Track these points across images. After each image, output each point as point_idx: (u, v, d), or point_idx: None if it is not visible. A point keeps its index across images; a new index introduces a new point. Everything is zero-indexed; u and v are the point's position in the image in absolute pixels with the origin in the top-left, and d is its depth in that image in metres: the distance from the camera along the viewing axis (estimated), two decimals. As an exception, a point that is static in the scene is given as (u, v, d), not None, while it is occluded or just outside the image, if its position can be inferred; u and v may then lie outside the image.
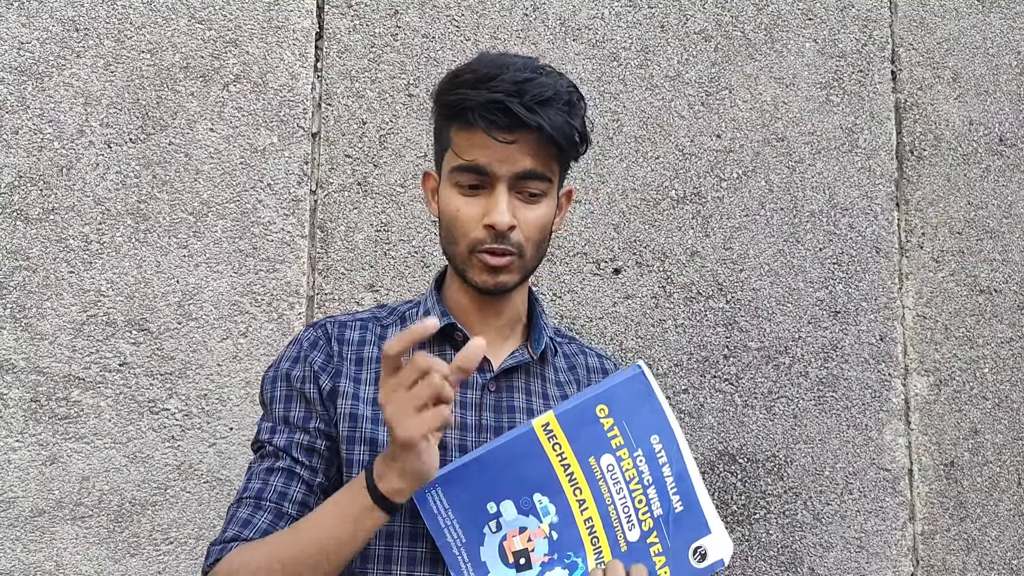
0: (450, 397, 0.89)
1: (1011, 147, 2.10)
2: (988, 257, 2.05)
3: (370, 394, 1.08)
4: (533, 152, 1.05)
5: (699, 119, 1.96)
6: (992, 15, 2.14)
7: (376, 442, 1.05)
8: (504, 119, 1.02)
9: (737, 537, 1.85)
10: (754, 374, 1.90)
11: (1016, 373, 2.03)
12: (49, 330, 1.64)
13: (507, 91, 1.02)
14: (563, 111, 1.06)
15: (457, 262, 1.10)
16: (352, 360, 1.11)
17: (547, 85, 1.05)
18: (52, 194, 1.67)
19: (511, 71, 1.04)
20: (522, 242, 1.07)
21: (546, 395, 1.13)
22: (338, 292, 1.77)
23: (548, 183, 1.08)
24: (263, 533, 1.01)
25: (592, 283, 1.87)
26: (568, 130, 1.06)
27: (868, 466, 1.92)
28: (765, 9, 2.02)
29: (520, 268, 1.09)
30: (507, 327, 1.16)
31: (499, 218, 1.04)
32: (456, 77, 1.07)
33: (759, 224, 1.95)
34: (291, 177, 1.78)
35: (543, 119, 1.02)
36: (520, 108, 1.01)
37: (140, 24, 1.75)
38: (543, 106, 1.03)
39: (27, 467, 1.60)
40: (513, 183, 1.06)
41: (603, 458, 1.01)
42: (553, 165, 1.09)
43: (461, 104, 1.04)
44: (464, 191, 1.07)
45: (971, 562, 1.94)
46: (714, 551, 1.01)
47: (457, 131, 1.07)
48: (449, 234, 1.09)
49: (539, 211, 1.08)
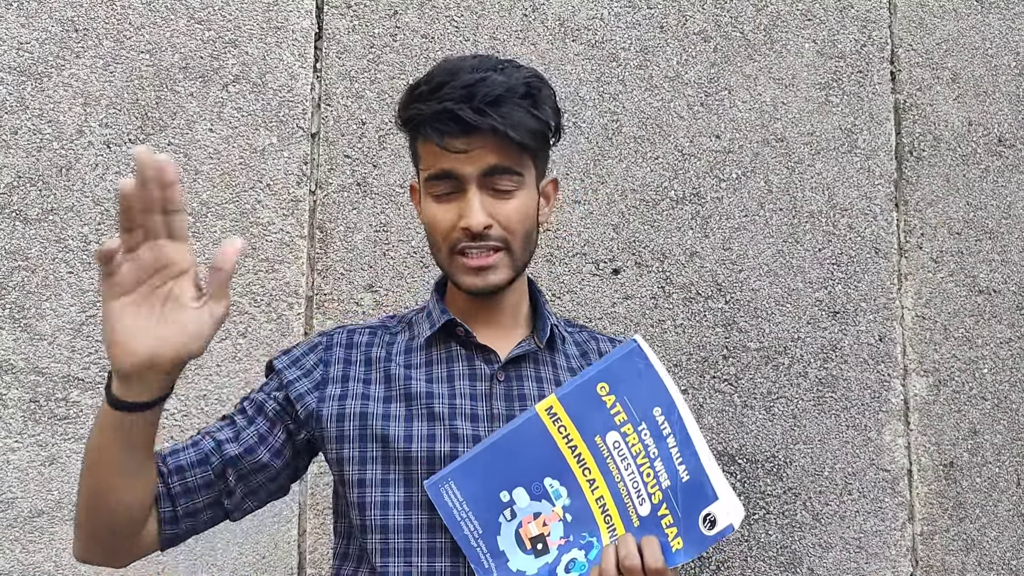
0: (110, 250, 0.82)
1: (1010, 148, 2.10)
2: (987, 257, 2.05)
3: (380, 392, 1.10)
4: (496, 149, 1.04)
5: (698, 120, 1.96)
6: (991, 16, 2.14)
7: (387, 438, 1.06)
8: (455, 126, 1.02)
9: (737, 537, 1.85)
10: (753, 374, 1.90)
11: (1015, 374, 2.03)
12: (48, 330, 1.64)
13: (455, 98, 1.02)
14: (521, 104, 1.04)
15: (444, 268, 1.12)
16: (361, 361, 1.13)
17: (498, 83, 1.03)
18: (51, 194, 1.67)
19: (462, 75, 1.03)
20: (505, 236, 1.08)
21: (558, 381, 1.14)
22: (337, 292, 1.77)
23: (519, 176, 1.08)
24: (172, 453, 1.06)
25: (591, 283, 1.87)
26: (530, 123, 1.05)
27: (867, 466, 1.92)
28: (764, 10, 2.02)
29: (509, 264, 1.10)
30: (510, 321, 1.17)
31: (472, 219, 1.05)
32: (412, 91, 1.07)
33: (758, 225, 1.95)
34: (290, 177, 1.78)
35: (495, 119, 1.02)
36: (469, 113, 1.01)
37: (139, 24, 1.75)
38: (494, 105, 1.02)
39: (26, 467, 1.60)
40: (483, 181, 1.06)
41: (608, 436, 1.02)
42: (523, 158, 1.08)
43: (415, 119, 1.06)
44: (439, 199, 1.08)
45: (970, 562, 1.94)
46: (723, 517, 1.00)
47: (421, 144, 1.09)
48: (431, 241, 1.11)
49: (515, 203, 1.08)
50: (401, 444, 1.06)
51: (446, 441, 1.06)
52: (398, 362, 1.13)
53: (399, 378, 1.11)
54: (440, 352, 1.14)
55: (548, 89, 1.10)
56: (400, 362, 1.13)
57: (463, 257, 1.07)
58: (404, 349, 1.15)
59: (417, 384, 1.10)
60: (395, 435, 1.06)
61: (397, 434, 1.06)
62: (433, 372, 1.12)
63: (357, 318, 1.76)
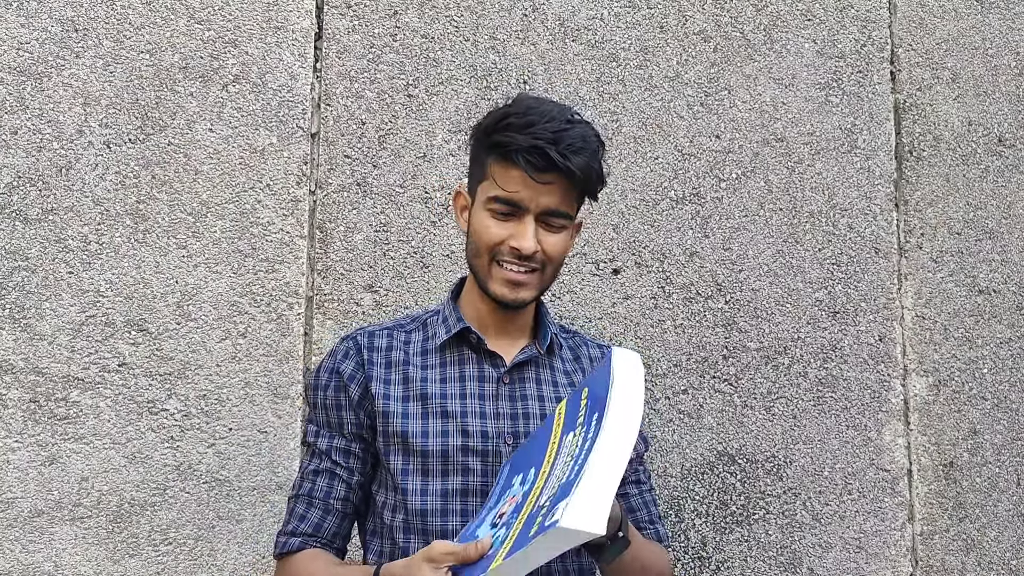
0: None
1: (1010, 147, 2.11)
2: (987, 257, 2.05)
3: (399, 392, 1.26)
4: (561, 192, 1.22)
5: (698, 120, 1.96)
6: (991, 16, 2.14)
7: (406, 434, 1.23)
8: (542, 162, 1.18)
9: (737, 537, 1.85)
10: (753, 375, 1.90)
11: (1015, 374, 2.03)
12: (48, 330, 1.64)
13: (547, 139, 1.18)
14: (589, 157, 1.22)
15: (481, 274, 1.26)
16: (382, 364, 1.28)
17: (579, 135, 1.21)
18: (51, 194, 1.67)
19: (549, 121, 1.20)
20: (544, 261, 1.24)
21: (555, 383, 1.31)
22: (337, 292, 1.77)
23: (569, 219, 1.26)
24: (315, 526, 1.26)
25: (591, 283, 1.87)
26: (592, 174, 1.23)
27: (867, 466, 1.92)
28: (764, 10, 2.02)
29: (538, 285, 1.26)
30: (517, 329, 1.33)
31: (526, 243, 1.21)
32: (503, 119, 1.22)
33: (758, 225, 1.95)
34: (290, 177, 1.78)
35: (573, 165, 1.19)
36: (556, 155, 1.18)
37: (139, 24, 1.75)
38: (575, 153, 1.19)
39: (26, 467, 1.60)
40: (539, 216, 1.22)
41: (568, 435, 1.05)
42: (574, 204, 1.27)
43: (507, 145, 1.20)
44: (496, 216, 1.23)
45: (970, 562, 1.95)
46: (565, 516, 0.87)
47: (497, 165, 1.23)
48: (476, 247, 1.25)
49: (559, 238, 1.25)
50: (419, 440, 1.22)
51: (458, 436, 1.22)
52: (415, 363, 1.28)
53: (416, 379, 1.26)
54: (453, 355, 1.29)
55: (604, 147, 1.28)
56: (417, 363, 1.28)
57: (503, 268, 1.23)
58: (420, 351, 1.30)
59: (432, 385, 1.26)
60: (412, 431, 1.23)
61: (415, 430, 1.23)
62: (446, 373, 1.27)
63: (357, 318, 1.76)
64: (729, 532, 1.85)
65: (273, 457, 1.69)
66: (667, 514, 1.82)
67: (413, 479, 1.22)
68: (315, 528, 1.26)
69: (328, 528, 1.26)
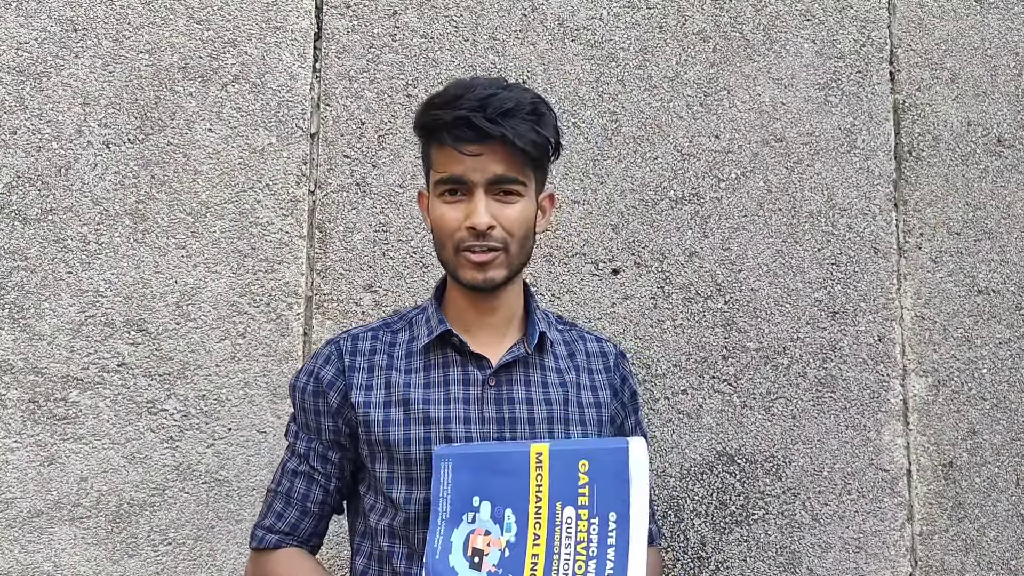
0: None
1: (1009, 148, 2.11)
2: (986, 258, 2.05)
3: (380, 398, 1.22)
4: (503, 159, 1.17)
5: (697, 120, 1.96)
6: (990, 16, 2.14)
7: (388, 442, 1.20)
8: (470, 132, 1.15)
9: (736, 538, 1.85)
10: (752, 375, 1.90)
11: (1015, 374, 2.03)
12: (47, 330, 1.64)
13: (471, 107, 1.14)
14: (528, 120, 1.17)
15: (448, 264, 1.23)
16: (364, 369, 1.25)
17: (509, 98, 1.16)
18: (50, 194, 1.67)
19: (476, 90, 1.16)
20: (505, 238, 1.20)
21: (546, 384, 1.26)
22: (336, 292, 1.77)
23: (522, 185, 1.20)
24: (292, 526, 1.26)
25: (591, 283, 1.87)
26: (534, 136, 1.17)
27: (866, 467, 1.92)
28: (763, 10, 2.02)
29: (506, 264, 1.21)
30: (504, 324, 1.28)
31: (478, 219, 1.16)
32: (429, 101, 1.20)
33: (757, 225, 1.95)
34: (289, 177, 1.78)
35: (506, 129, 1.14)
36: (483, 121, 1.14)
37: (139, 24, 1.75)
38: (506, 117, 1.14)
39: (25, 468, 1.60)
40: (489, 187, 1.18)
41: (567, 509, 1.06)
42: (525, 170, 1.20)
43: (433, 124, 1.18)
44: (447, 199, 1.20)
45: (969, 563, 1.95)
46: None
47: (435, 150, 1.21)
48: (438, 239, 1.22)
49: (516, 208, 1.20)
50: (400, 447, 1.19)
51: (441, 443, 1.18)
52: (398, 367, 1.25)
53: (398, 384, 1.23)
54: (437, 357, 1.25)
55: (551, 111, 1.23)
56: (400, 367, 1.25)
57: (468, 253, 1.19)
58: (404, 353, 1.26)
59: (415, 390, 1.22)
60: (394, 439, 1.20)
61: (396, 438, 1.20)
62: (430, 377, 1.24)
63: (357, 318, 1.76)
64: (728, 532, 1.85)
65: (272, 457, 1.69)
66: (666, 514, 1.82)
67: (398, 487, 1.20)
68: (292, 528, 1.27)
69: (305, 528, 1.27)
